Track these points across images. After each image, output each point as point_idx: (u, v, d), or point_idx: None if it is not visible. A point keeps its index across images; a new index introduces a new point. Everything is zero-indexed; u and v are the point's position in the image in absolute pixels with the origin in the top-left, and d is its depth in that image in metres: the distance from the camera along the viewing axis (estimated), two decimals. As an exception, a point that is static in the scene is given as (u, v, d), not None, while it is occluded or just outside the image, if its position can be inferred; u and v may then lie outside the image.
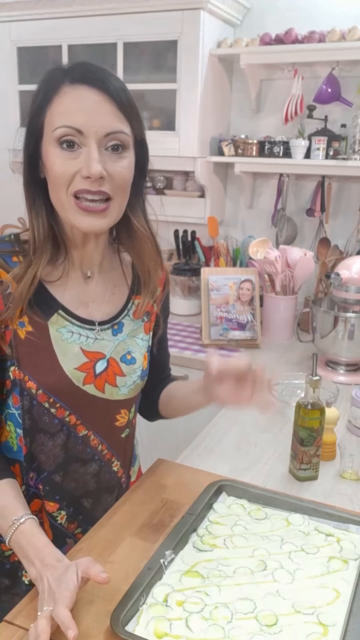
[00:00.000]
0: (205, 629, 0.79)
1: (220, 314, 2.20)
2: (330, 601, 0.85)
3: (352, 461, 1.27)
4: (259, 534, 1.00)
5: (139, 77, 2.43)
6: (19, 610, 0.84)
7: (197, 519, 1.01)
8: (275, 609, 0.83)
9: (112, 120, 0.88)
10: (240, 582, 0.88)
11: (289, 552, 0.95)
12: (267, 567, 0.92)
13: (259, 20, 2.45)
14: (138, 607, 0.82)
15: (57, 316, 0.97)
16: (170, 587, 0.86)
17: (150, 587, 0.86)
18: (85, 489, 1.05)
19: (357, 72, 2.29)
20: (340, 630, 0.79)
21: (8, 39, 2.59)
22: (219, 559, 0.93)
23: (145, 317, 1.08)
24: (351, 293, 1.90)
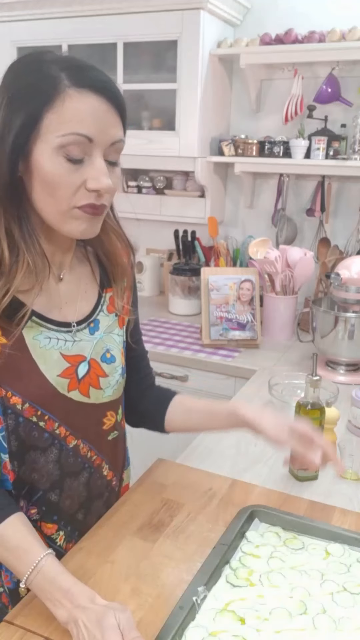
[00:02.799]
0: None
1: (220, 314, 2.20)
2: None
3: (352, 461, 1.27)
4: (296, 568, 0.94)
5: (139, 77, 2.43)
6: (19, 610, 0.84)
7: (230, 550, 0.96)
8: None
9: (117, 130, 0.85)
10: (279, 629, 0.82)
11: (332, 594, 0.89)
12: (307, 609, 0.85)
13: (259, 20, 2.45)
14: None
15: (31, 323, 0.91)
16: (205, 630, 0.81)
17: (184, 629, 0.81)
18: (78, 501, 1.01)
19: (357, 72, 2.29)
20: None
21: (8, 39, 2.59)
22: (254, 598, 0.88)
23: (118, 311, 1.05)
24: (351, 293, 1.90)
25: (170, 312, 2.61)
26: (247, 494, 1.13)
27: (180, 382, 2.12)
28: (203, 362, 2.08)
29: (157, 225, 2.75)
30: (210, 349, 2.16)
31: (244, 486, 1.16)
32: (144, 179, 2.70)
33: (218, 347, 2.18)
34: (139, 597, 0.86)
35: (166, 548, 0.97)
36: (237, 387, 1.99)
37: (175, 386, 2.06)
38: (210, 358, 2.09)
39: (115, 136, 0.85)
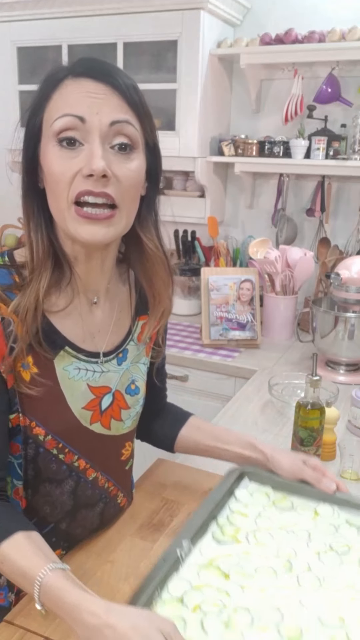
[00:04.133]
0: (222, 632, 0.75)
1: (220, 314, 2.20)
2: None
3: (352, 461, 1.27)
4: (284, 528, 0.94)
5: (139, 77, 2.41)
6: (19, 610, 0.84)
7: (218, 507, 0.95)
8: (300, 621, 0.77)
9: (117, 111, 0.79)
10: (263, 587, 0.82)
11: (318, 553, 0.89)
12: (293, 568, 0.86)
13: (259, 20, 2.45)
14: (152, 600, 0.78)
15: (63, 353, 0.87)
16: (188, 583, 0.81)
17: (166, 581, 0.81)
18: (89, 529, 0.99)
19: (357, 72, 2.29)
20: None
21: (8, 39, 2.59)
22: (240, 554, 0.88)
23: (148, 339, 1.01)
24: (351, 293, 1.90)
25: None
26: (247, 494, 1.13)
27: (180, 382, 2.12)
28: (203, 362, 2.08)
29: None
30: (210, 349, 2.16)
31: (244, 486, 1.16)
32: (144, 179, 2.70)
33: (218, 347, 2.18)
34: (139, 597, 0.86)
35: (166, 548, 0.97)
36: (237, 387, 1.99)
37: (175, 386, 2.07)
38: (210, 358, 2.09)
39: (115, 116, 0.78)
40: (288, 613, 0.78)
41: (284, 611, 0.78)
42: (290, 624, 0.76)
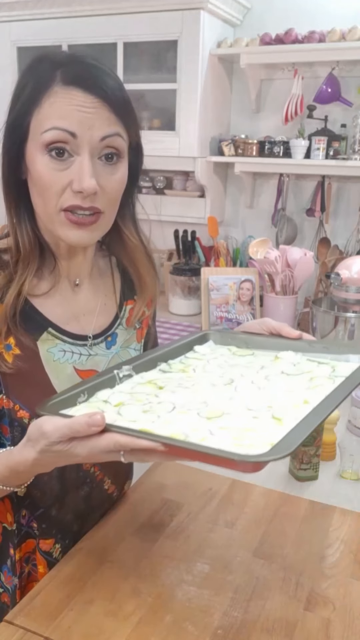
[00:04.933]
0: (137, 415, 0.72)
1: (220, 314, 2.20)
2: (294, 405, 0.73)
3: (352, 461, 1.27)
4: (239, 365, 0.88)
5: (139, 77, 2.43)
6: (19, 610, 0.84)
7: (172, 353, 0.93)
8: (225, 408, 0.73)
9: (108, 125, 0.80)
10: (196, 391, 0.79)
11: (267, 376, 0.83)
12: (234, 382, 0.81)
13: (259, 20, 2.45)
14: (75, 402, 0.77)
15: (46, 334, 0.88)
16: (119, 392, 0.79)
17: (96, 390, 0.79)
18: (77, 514, 0.98)
19: (357, 72, 2.29)
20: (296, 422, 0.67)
21: (8, 39, 2.59)
22: (182, 377, 0.84)
23: (137, 325, 1.02)
24: (351, 293, 1.90)
25: (170, 312, 2.61)
26: (247, 494, 1.13)
27: (180, 382, 2.12)
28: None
29: (157, 225, 2.74)
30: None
31: (244, 486, 1.16)
32: (144, 179, 2.70)
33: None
34: (139, 597, 0.86)
35: (166, 548, 0.97)
36: (237, 387, 1.98)
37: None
38: (210, 358, 2.08)
39: (105, 131, 0.80)
40: (214, 404, 0.75)
41: (210, 403, 0.75)
42: (213, 408, 0.74)
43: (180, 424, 0.70)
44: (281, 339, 0.98)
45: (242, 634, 0.79)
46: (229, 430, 0.68)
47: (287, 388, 0.81)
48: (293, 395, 0.77)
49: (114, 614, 0.81)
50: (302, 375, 0.84)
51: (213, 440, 0.65)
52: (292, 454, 0.60)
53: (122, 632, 0.78)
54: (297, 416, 0.69)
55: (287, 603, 0.85)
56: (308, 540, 0.99)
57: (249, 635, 0.79)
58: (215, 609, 0.83)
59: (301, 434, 0.64)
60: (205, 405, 0.75)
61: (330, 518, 1.06)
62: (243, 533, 1.01)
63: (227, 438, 0.66)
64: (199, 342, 1.00)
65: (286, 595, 0.87)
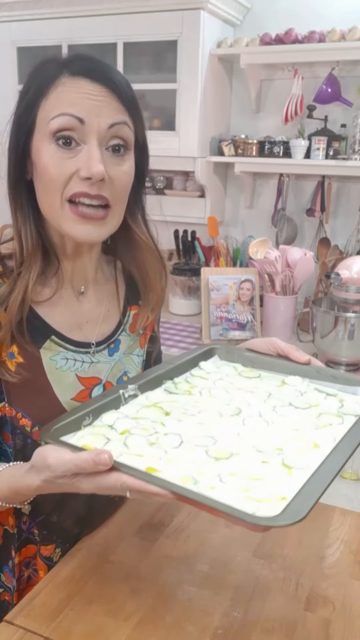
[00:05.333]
0: (143, 447, 0.70)
1: (220, 314, 2.20)
2: (302, 449, 0.72)
3: (352, 461, 1.27)
4: (244, 389, 0.87)
5: (139, 77, 2.43)
6: (19, 610, 0.84)
7: (177, 370, 0.91)
8: (233, 447, 0.71)
9: (115, 113, 0.79)
10: (203, 421, 0.78)
11: (274, 407, 0.82)
12: (242, 413, 0.80)
13: (259, 20, 2.45)
14: (80, 425, 0.75)
15: (49, 342, 0.87)
16: (124, 415, 0.78)
17: (101, 412, 0.78)
18: (78, 519, 0.98)
19: (357, 72, 2.29)
20: (309, 475, 0.66)
21: (8, 39, 2.59)
22: (188, 401, 0.83)
23: (141, 330, 1.01)
24: (351, 293, 1.90)
25: (170, 312, 2.61)
26: (247, 494, 1.13)
27: (180, 382, 2.12)
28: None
29: (157, 225, 2.74)
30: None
31: (244, 486, 1.16)
32: (144, 179, 2.70)
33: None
34: (139, 597, 0.86)
35: (166, 548, 0.97)
36: (237, 387, 1.99)
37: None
38: (210, 358, 2.08)
39: (113, 119, 0.79)
40: (222, 440, 0.73)
41: (218, 439, 0.74)
42: (222, 447, 0.72)
43: (188, 464, 0.69)
44: (288, 361, 0.95)
45: (242, 634, 0.79)
46: (238, 477, 0.67)
47: (295, 426, 0.79)
48: (301, 436, 0.76)
49: (114, 614, 0.81)
50: (310, 409, 0.83)
51: (223, 489, 0.65)
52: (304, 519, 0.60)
53: (122, 632, 0.78)
54: (308, 464, 0.69)
55: (287, 603, 0.85)
56: (308, 540, 0.99)
57: (249, 635, 0.79)
58: (215, 609, 0.83)
59: (313, 494, 0.63)
60: (213, 441, 0.74)
61: (330, 518, 1.06)
62: (243, 533, 1.00)
63: (237, 488, 0.65)
64: (204, 357, 0.98)
65: (286, 595, 0.87)
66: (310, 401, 0.85)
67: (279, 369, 0.94)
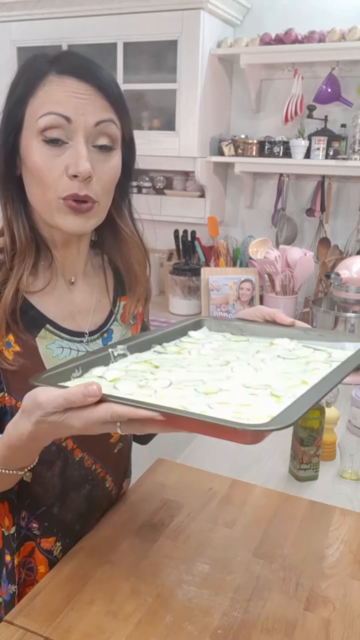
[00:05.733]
0: (133, 389, 0.71)
1: (220, 314, 2.20)
2: (291, 386, 0.73)
3: (352, 461, 1.27)
4: (233, 349, 0.89)
5: (139, 77, 2.43)
6: (19, 610, 0.84)
7: (166, 337, 0.93)
8: (221, 384, 0.73)
9: (102, 111, 0.81)
10: (193, 370, 0.79)
11: (263, 359, 0.83)
12: (230, 364, 0.82)
13: (259, 20, 2.45)
14: (69, 376, 0.76)
15: (44, 331, 0.89)
16: (114, 369, 0.79)
17: (90, 367, 0.79)
18: (79, 513, 0.98)
19: (357, 72, 2.29)
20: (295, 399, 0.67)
21: (8, 39, 2.59)
22: (177, 358, 0.85)
23: (132, 320, 1.03)
24: (351, 293, 1.90)
25: (170, 312, 2.61)
26: (247, 494, 1.13)
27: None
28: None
29: (157, 225, 2.75)
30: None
31: (244, 486, 1.16)
32: (144, 179, 2.70)
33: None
34: (139, 597, 0.86)
35: (166, 548, 0.97)
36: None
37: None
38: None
39: (99, 116, 0.81)
40: (211, 382, 0.75)
41: (207, 381, 0.75)
42: (210, 385, 0.73)
43: (178, 399, 0.69)
44: (276, 326, 0.98)
45: (242, 634, 0.79)
46: (228, 405, 0.68)
47: (284, 370, 0.81)
48: (290, 377, 0.78)
49: (114, 614, 0.81)
50: (298, 359, 0.85)
51: (212, 413, 0.65)
52: (294, 424, 0.60)
53: (122, 632, 0.78)
54: (296, 394, 0.69)
55: (287, 603, 0.85)
56: (308, 540, 0.99)
57: (249, 635, 0.79)
58: (215, 609, 0.83)
59: (301, 407, 0.64)
60: (203, 382, 0.75)
61: (330, 518, 1.06)
62: (243, 533, 1.01)
63: (227, 412, 0.66)
64: (193, 328, 1.01)
65: (286, 595, 0.87)
66: (299, 354, 0.87)
67: (267, 334, 0.96)
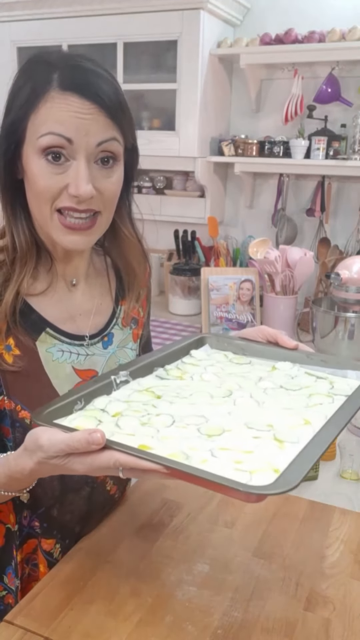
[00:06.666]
0: (136, 427, 0.71)
1: (220, 314, 2.20)
2: (294, 426, 0.72)
3: (352, 461, 1.27)
4: (235, 374, 0.88)
5: (139, 77, 2.43)
6: (19, 610, 0.84)
7: (168, 358, 0.93)
8: (224, 423, 0.73)
9: (104, 131, 0.80)
10: (195, 402, 0.79)
11: (265, 389, 0.83)
12: (233, 395, 0.82)
13: (259, 20, 2.45)
14: (72, 410, 0.76)
15: (45, 335, 0.89)
16: (116, 399, 0.79)
17: (93, 397, 0.79)
18: (79, 515, 0.98)
19: (357, 72, 2.29)
20: (301, 447, 0.66)
21: (8, 39, 2.59)
22: (179, 385, 0.84)
23: (133, 324, 1.02)
24: (351, 293, 1.90)
25: (170, 312, 2.61)
26: (247, 494, 1.13)
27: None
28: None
29: (157, 225, 2.75)
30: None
31: (244, 486, 1.16)
32: (144, 179, 2.70)
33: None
34: (139, 597, 0.86)
35: (166, 548, 0.97)
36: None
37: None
38: (210, 358, 2.08)
39: (101, 137, 0.80)
40: (214, 420, 0.75)
41: (210, 418, 0.75)
42: (213, 424, 0.73)
43: (180, 440, 0.69)
44: (278, 348, 0.98)
45: (242, 634, 0.79)
46: (230, 451, 0.68)
47: (286, 405, 0.80)
48: (293, 414, 0.77)
49: (114, 614, 0.81)
50: (301, 390, 0.84)
51: (215, 463, 0.65)
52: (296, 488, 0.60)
53: (122, 632, 0.78)
54: (299, 438, 0.69)
55: (287, 603, 0.85)
56: (308, 540, 0.99)
57: (249, 635, 0.79)
58: (215, 609, 0.83)
59: (305, 465, 0.64)
60: (205, 420, 0.75)
61: (330, 518, 1.06)
62: (243, 533, 1.01)
63: (229, 462, 0.65)
64: (196, 346, 1.01)
65: (286, 595, 0.87)
66: (301, 383, 0.87)
67: (269, 356, 0.96)
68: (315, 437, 0.70)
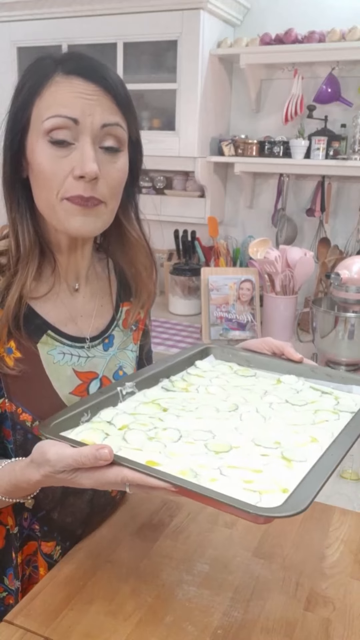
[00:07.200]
0: (143, 442, 0.71)
1: (220, 314, 2.20)
2: (301, 443, 0.73)
3: (352, 461, 1.27)
4: (240, 386, 0.89)
5: (139, 77, 2.43)
6: (19, 610, 0.84)
7: (173, 369, 0.93)
8: (232, 440, 0.73)
9: (109, 113, 0.80)
10: (201, 416, 0.80)
11: (270, 403, 0.84)
12: (239, 409, 0.82)
13: (259, 20, 2.45)
14: (78, 422, 0.77)
15: (46, 337, 0.88)
16: (123, 412, 0.80)
17: (99, 409, 0.80)
18: (80, 518, 0.97)
19: (357, 72, 2.29)
20: (309, 467, 0.67)
21: (8, 39, 2.59)
22: (185, 398, 0.85)
23: (133, 326, 1.02)
24: (351, 293, 1.90)
25: (170, 312, 2.61)
26: (247, 494, 1.13)
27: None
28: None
29: (157, 225, 2.74)
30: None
31: (244, 486, 1.16)
32: (144, 179, 2.70)
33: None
34: (139, 597, 0.86)
35: (166, 548, 0.97)
36: (237, 387, 1.99)
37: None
38: (210, 358, 2.08)
39: (106, 119, 0.80)
40: (221, 435, 0.75)
41: (216, 433, 0.75)
42: (221, 441, 0.73)
43: (188, 457, 0.69)
44: (283, 360, 0.98)
45: (242, 634, 0.79)
46: (238, 469, 0.68)
47: (292, 421, 0.81)
48: (299, 430, 0.78)
49: (114, 614, 0.81)
50: (307, 406, 0.85)
51: (223, 482, 0.65)
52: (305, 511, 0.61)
53: (122, 632, 0.78)
54: (307, 457, 0.70)
55: (287, 603, 0.85)
56: (308, 540, 0.99)
57: (249, 635, 0.79)
58: (215, 609, 0.83)
59: (313, 487, 0.64)
60: (212, 435, 0.75)
61: (330, 518, 1.06)
62: (243, 533, 1.01)
63: (237, 480, 0.65)
64: (200, 356, 1.01)
65: (286, 595, 0.87)
66: (307, 398, 0.87)
67: (274, 368, 0.96)
68: (322, 457, 0.70)
